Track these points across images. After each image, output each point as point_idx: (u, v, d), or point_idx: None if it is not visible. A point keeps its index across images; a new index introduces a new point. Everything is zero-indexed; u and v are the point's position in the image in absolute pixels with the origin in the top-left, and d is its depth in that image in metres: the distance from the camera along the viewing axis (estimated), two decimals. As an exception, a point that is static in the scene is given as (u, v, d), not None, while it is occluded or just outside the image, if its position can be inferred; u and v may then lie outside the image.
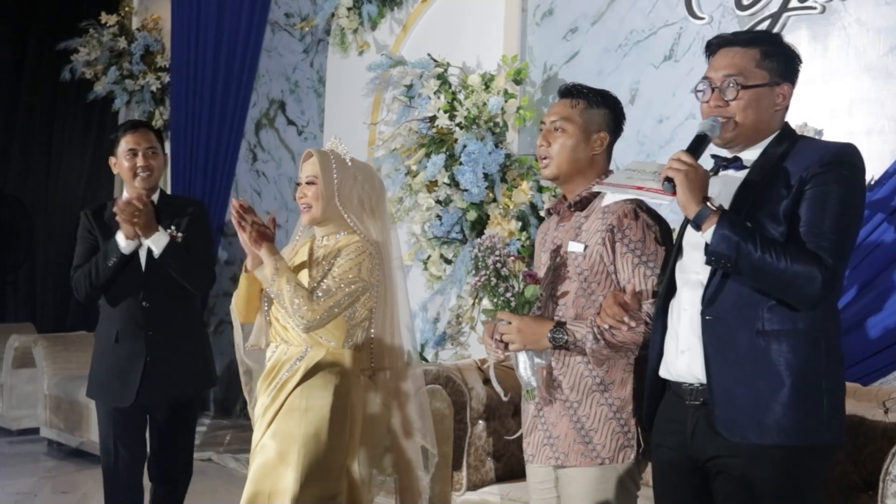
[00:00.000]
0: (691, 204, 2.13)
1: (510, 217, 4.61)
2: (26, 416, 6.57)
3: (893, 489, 2.84)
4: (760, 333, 2.16)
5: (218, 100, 6.54)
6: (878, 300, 3.51)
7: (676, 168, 2.13)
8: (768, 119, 2.27)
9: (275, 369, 2.97)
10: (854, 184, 2.17)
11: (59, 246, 8.07)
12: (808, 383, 2.14)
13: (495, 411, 3.83)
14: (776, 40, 2.32)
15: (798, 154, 2.21)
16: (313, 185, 2.96)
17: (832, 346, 2.19)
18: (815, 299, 2.12)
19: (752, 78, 2.24)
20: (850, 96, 3.76)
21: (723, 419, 2.18)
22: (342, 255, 2.91)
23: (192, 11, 6.67)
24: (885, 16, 3.69)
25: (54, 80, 7.70)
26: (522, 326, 2.49)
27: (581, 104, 2.62)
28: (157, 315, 3.58)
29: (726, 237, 2.09)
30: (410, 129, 5.05)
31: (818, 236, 2.11)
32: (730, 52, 2.28)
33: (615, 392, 2.53)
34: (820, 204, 2.12)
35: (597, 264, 2.53)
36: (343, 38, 5.66)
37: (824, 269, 2.08)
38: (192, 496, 3.92)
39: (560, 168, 2.61)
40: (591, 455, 2.52)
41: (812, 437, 2.15)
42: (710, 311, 2.20)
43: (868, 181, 3.61)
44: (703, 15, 4.19)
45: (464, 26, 5.12)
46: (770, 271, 2.09)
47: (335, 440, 2.90)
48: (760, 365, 2.15)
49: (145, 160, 3.62)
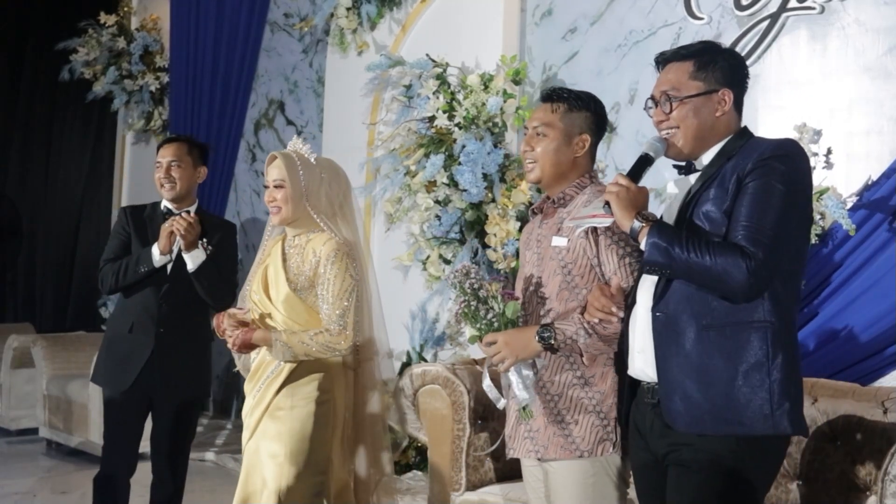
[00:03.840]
0: (625, 221, 2.27)
1: (509, 217, 4.61)
2: (25, 416, 6.57)
3: (893, 489, 2.84)
4: (706, 327, 2.21)
5: (217, 100, 6.54)
6: (877, 300, 3.51)
7: (610, 191, 2.29)
8: (711, 125, 2.33)
9: (259, 370, 3.04)
10: (793, 177, 2.20)
11: (58, 246, 8.07)
12: (753, 374, 2.18)
13: (494, 412, 3.83)
14: (711, 50, 2.38)
15: (742, 153, 2.26)
16: (282, 189, 3.03)
17: (781, 336, 2.21)
18: (743, 289, 2.15)
19: (686, 90, 2.32)
20: (850, 96, 3.76)
21: (670, 411, 2.23)
22: (328, 265, 2.98)
23: (191, 12, 6.67)
24: (884, 16, 3.69)
25: (53, 80, 7.70)
26: (509, 339, 2.52)
27: (561, 108, 2.67)
28: (171, 316, 3.72)
29: (656, 245, 2.19)
30: (409, 129, 5.05)
31: (753, 230, 2.15)
32: (668, 69, 2.38)
33: (596, 386, 2.56)
34: (757, 198, 2.17)
35: (580, 258, 2.58)
36: (342, 38, 5.66)
37: (749, 261, 2.12)
38: (191, 496, 3.92)
39: (544, 171, 2.67)
40: (569, 448, 2.54)
41: (759, 426, 2.17)
42: (659, 308, 2.27)
43: (867, 181, 3.62)
44: (703, 15, 4.19)
45: (463, 26, 5.12)
46: (698, 269, 2.16)
47: (320, 434, 2.97)
48: (706, 358, 2.20)
49: (167, 172, 3.80)
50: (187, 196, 3.83)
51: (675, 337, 2.23)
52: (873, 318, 3.51)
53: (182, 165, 3.81)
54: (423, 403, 3.81)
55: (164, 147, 3.88)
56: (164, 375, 3.69)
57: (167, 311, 3.72)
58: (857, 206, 3.58)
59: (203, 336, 3.82)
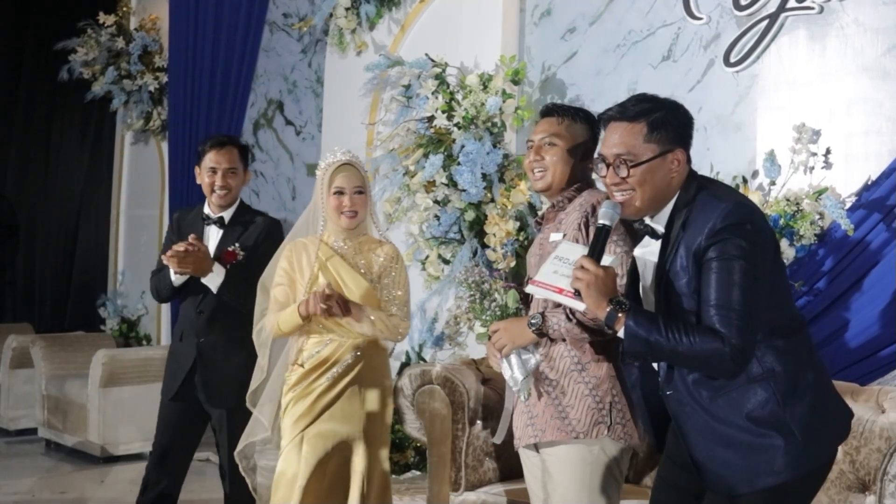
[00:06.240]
0: (599, 310, 2.24)
1: (508, 217, 4.61)
2: (24, 416, 6.57)
3: (891, 489, 2.85)
4: (713, 397, 2.25)
5: (216, 100, 6.53)
6: (876, 300, 3.51)
7: (578, 278, 2.25)
8: (665, 186, 2.33)
9: (328, 361, 3.26)
10: (748, 247, 2.19)
11: (58, 245, 8.06)
12: (773, 424, 2.20)
13: (493, 411, 3.83)
14: (657, 107, 2.35)
15: (692, 224, 2.26)
16: (361, 194, 3.31)
17: (791, 378, 2.23)
18: (727, 374, 2.20)
19: (642, 154, 2.31)
20: (848, 96, 3.76)
21: (710, 482, 2.29)
22: (393, 263, 3.35)
23: (189, 11, 6.66)
24: (882, 16, 3.69)
25: (52, 80, 7.70)
26: (506, 325, 2.75)
27: (566, 121, 2.86)
28: (208, 323, 3.76)
29: (635, 335, 2.21)
30: (408, 129, 5.04)
31: (723, 312, 2.16)
32: (618, 128, 2.35)
33: (591, 371, 2.69)
34: (720, 279, 2.18)
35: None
36: (341, 38, 5.66)
37: (727, 346, 2.14)
38: (191, 496, 3.93)
39: (554, 178, 2.85)
40: (566, 430, 2.66)
41: (797, 468, 2.20)
42: (669, 388, 2.33)
43: (865, 181, 3.63)
44: (702, 15, 4.19)
45: (462, 26, 5.12)
46: (681, 355, 2.19)
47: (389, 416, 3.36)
48: (725, 424, 2.23)
49: (224, 180, 3.77)
50: (235, 200, 3.83)
51: (692, 411, 2.28)
52: (872, 319, 3.51)
53: (237, 173, 3.80)
54: (422, 403, 3.82)
55: (219, 151, 3.78)
56: (204, 384, 3.72)
57: (205, 321, 3.74)
58: (856, 207, 3.59)
59: (250, 344, 3.74)
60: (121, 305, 7.56)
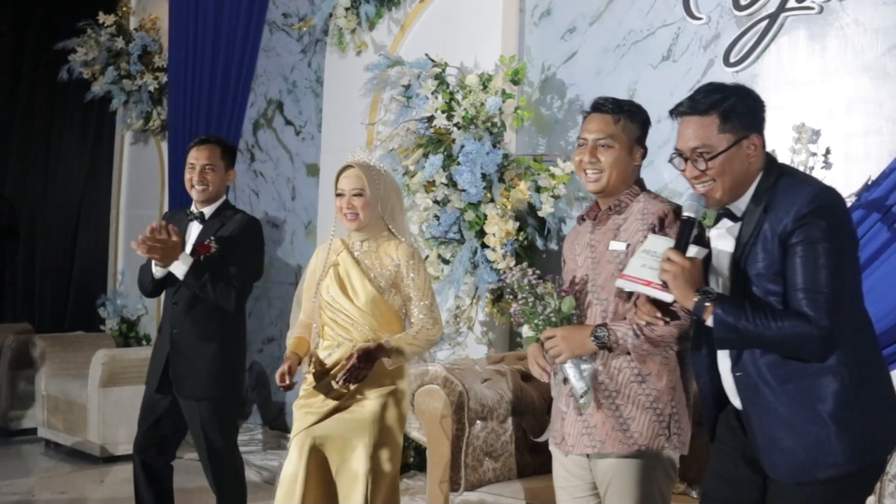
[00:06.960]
0: (686, 300, 2.30)
1: (507, 217, 4.61)
2: (24, 416, 6.56)
3: (891, 489, 2.85)
4: (784, 382, 2.25)
5: (216, 100, 6.53)
6: (877, 300, 3.51)
7: (666, 270, 2.31)
8: (745, 173, 2.34)
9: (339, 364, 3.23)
10: (835, 230, 2.22)
11: (57, 245, 8.06)
12: (840, 417, 2.22)
13: (493, 411, 3.84)
14: (732, 96, 2.35)
15: (777, 205, 2.27)
16: (360, 196, 3.26)
17: (860, 373, 2.25)
18: (818, 357, 2.22)
19: (717, 145, 2.32)
20: (848, 96, 3.76)
21: (770, 465, 2.30)
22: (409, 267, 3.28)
23: (189, 11, 6.65)
24: (882, 16, 3.69)
25: (52, 80, 7.69)
26: (566, 334, 2.64)
27: (622, 120, 2.74)
28: (182, 315, 3.78)
29: (724, 323, 2.23)
30: (408, 129, 5.05)
31: (812, 295, 2.18)
32: (691, 123, 2.36)
33: (651, 383, 2.65)
34: (807, 262, 2.20)
35: None
36: (341, 38, 5.66)
37: (818, 328, 2.17)
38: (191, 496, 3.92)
39: (610, 180, 2.73)
40: (627, 442, 2.63)
41: (858, 461, 2.23)
42: (738, 368, 2.33)
43: (866, 181, 3.62)
44: (701, 15, 4.19)
45: (461, 26, 5.12)
46: (769, 340, 2.21)
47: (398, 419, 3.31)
48: (793, 411, 2.24)
49: (201, 175, 3.83)
50: (216, 197, 3.87)
51: (760, 394, 2.29)
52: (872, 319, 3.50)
53: (215, 169, 3.85)
54: (422, 403, 3.82)
55: (198, 148, 3.86)
56: (176, 375, 3.74)
57: (178, 312, 3.78)
58: (856, 207, 3.58)
59: (222, 337, 3.80)
60: (120, 305, 7.55)
